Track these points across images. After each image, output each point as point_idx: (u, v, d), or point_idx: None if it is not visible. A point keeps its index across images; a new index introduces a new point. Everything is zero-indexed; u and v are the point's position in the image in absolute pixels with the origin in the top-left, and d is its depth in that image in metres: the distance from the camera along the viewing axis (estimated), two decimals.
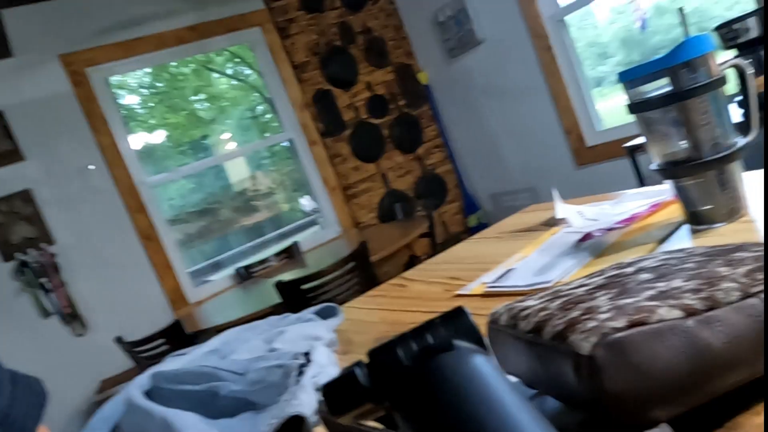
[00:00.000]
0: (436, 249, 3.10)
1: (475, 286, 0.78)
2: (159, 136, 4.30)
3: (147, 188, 3.16)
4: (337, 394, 0.31)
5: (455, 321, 0.31)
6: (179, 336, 2.12)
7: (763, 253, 0.38)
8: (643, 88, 0.69)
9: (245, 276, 3.16)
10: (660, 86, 0.68)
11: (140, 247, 3.05)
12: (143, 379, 0.64)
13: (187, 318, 2.68)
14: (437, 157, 4.01)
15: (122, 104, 3.61)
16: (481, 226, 3.79)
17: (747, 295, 0.34)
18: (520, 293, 0.69)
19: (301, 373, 0.55)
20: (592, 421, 0.34)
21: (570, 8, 3.06)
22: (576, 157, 3.26)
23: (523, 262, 0.79)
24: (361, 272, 2.16)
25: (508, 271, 0.78)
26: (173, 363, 0.72)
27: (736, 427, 0.33)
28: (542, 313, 0.38)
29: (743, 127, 0.69)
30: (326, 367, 0.61)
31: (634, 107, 0.69)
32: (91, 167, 2.97)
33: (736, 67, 0.68)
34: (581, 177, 3.26)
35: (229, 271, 3.36)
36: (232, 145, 4.47)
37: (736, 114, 0.71)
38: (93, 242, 2.93)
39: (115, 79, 3.41)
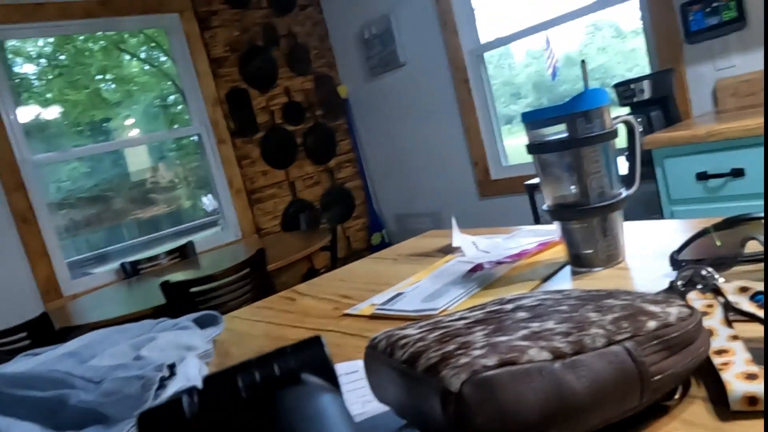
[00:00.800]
0: (336, 263, 3.08)
1: (364, 307, 0.77)
2: (54, 112, 3.97)
3: (30, 166, 2.90)
4: (155, 426, 0.25)
5: (309, 351, 0.28)
6: (46, 331, 1.94)
7: (629, 302, 0.40)
8: (543, 130, 0.72)
9: (131, 272, 2.97)
10: (559, 131, 0.71)
11: (13, 228, 2.78)
12: None
13: (58, 312, 2.47)
14: (348, 172, 4.01)
15: (15, 72, 3.29)
16: (384, 245, 3.82)
17: (611, 342, 0.35)
18: (407, 318, 0.69)
19: (163, 386, 0.51)
20: None
21: (489, 46, 3.20)
22: (480, 189, 3.38)
23: (413, 287, 0.79)
24: (256, 280, 2.10)
25: (399, 294, 0.78)
26: (23, 363, 0.64)
27: None
28: (419, 344, 0.38)
29: (628, 180, 0.74)
30: (193, 381, 0.57)
31: (532, 148, 0.72)
32: None
33: (627, 123, 0.73)
34: (483, 208, 3.39)
35: (115, 265, 3.14)
36: (135, 132, 4.21)
37: (622, 167, 0.75)
38: None
39: (10, 43, 3.12)
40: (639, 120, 2.32)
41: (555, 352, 0.34)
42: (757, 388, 0.36)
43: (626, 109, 2.37)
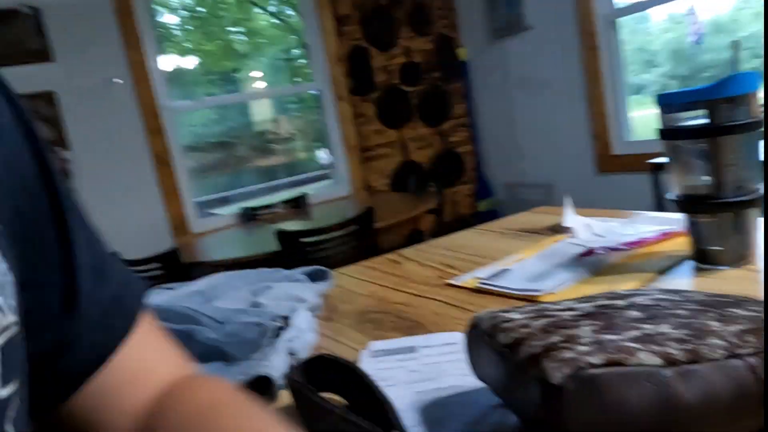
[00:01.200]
0: (441, 228, 3.09)
1: (468, 279, 0.77)
2: (191, 62, 4.26)
3: (169, 112, 3.15)
4: None
5: None
6: (175, 264, 2.14)
7: (757, 314, 0.37)
8: (679, 114, 0.67)
9: (250, 217, 3.18)
10: (696, 116, 0.66)
11: (152, 168, 3.06)
12: None
13: (185, 247, 2.72)
14: (460, 136, 3.97)
15: (159, 22, 3.56)
16: (491, 213, 3.77)
17: (732, 355, 0.34)
18: (510, 296, 0.69)
19: (277, 334, 0.55)
20: None
21: (626, 10, 2.97)
22: (599, 164, 3.21)
23: (519, 265, 0.78)
24: (363, 237, 2.17)
25: (504, 270, 0.77)
26: (158, 297, 0.72)
27: None
28: (523, 330, 0.38)
29: None
30: (304, 332, 0.61)
31: (666, 133, 0.67)
32: (117, 81, 2.97)
33: None
34: (600, 184, 3.22)
35: (235, 208, 3.38)
36: (260, 84, 4.43)
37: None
38: (106, 156, 2.95)
39: None
40: None
41: (667, 359, 0.33)
42: None
43: None
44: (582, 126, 3.24)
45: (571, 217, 0.94)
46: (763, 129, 0.64)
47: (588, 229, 0.89)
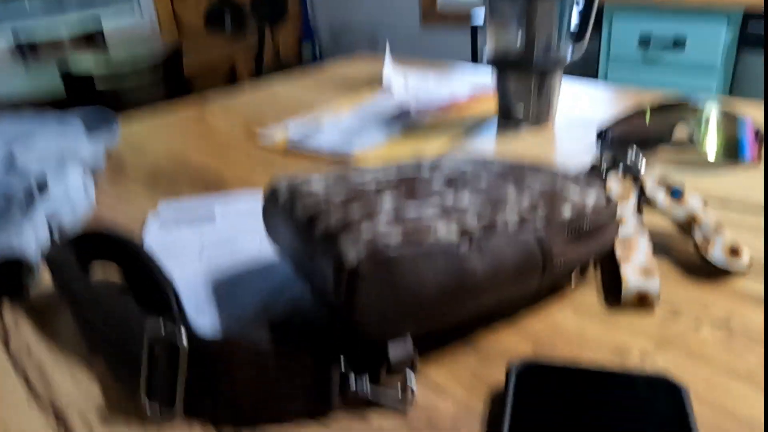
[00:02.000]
0: (260, 72, 2.90)
1: (279, 138, 0.71)
2: None
3: None
4: None
5: None
6: None
7: (550, 183, 0.38)
8: None
9: (28, 50, 2.65)
10: None
11: None
12: None
13: None
14: None
15: None
16: (314, 58, 3.63)
17: (523, 228, 0.33)
18: (321, 158, 0.65)
19: (34, 201, 0.45)
20: (337, 324, 0.32)
21: None
22: (423, 15, 3.19)
23: (333, 122, 0.74)
24: (170, 81, 1.94)
25: (316, 127, 0.72)
26: None
27: (474, 342, 0.34)
28: (322, 203, 0.34)
29: (576, 40, 0.68)
30: (74, 196, 0.51)
31: None
32: None
33: None
34: (424, 37, 3.23)
35: (8, 38, 2.78)
36: None
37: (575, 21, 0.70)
38: None
39: None
40: None
41: (464, 233, 0.31)
42: (651, 285, 0.36)
43: None
44: None
45: (390, 71, 0.90)
46: None
47: (405, 85, 0.87)
